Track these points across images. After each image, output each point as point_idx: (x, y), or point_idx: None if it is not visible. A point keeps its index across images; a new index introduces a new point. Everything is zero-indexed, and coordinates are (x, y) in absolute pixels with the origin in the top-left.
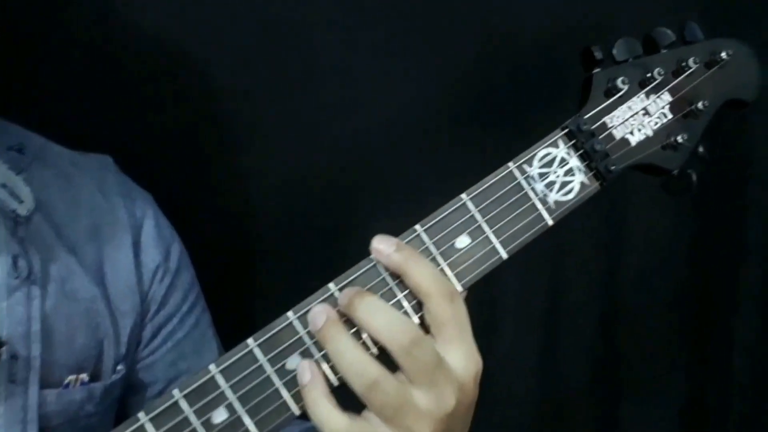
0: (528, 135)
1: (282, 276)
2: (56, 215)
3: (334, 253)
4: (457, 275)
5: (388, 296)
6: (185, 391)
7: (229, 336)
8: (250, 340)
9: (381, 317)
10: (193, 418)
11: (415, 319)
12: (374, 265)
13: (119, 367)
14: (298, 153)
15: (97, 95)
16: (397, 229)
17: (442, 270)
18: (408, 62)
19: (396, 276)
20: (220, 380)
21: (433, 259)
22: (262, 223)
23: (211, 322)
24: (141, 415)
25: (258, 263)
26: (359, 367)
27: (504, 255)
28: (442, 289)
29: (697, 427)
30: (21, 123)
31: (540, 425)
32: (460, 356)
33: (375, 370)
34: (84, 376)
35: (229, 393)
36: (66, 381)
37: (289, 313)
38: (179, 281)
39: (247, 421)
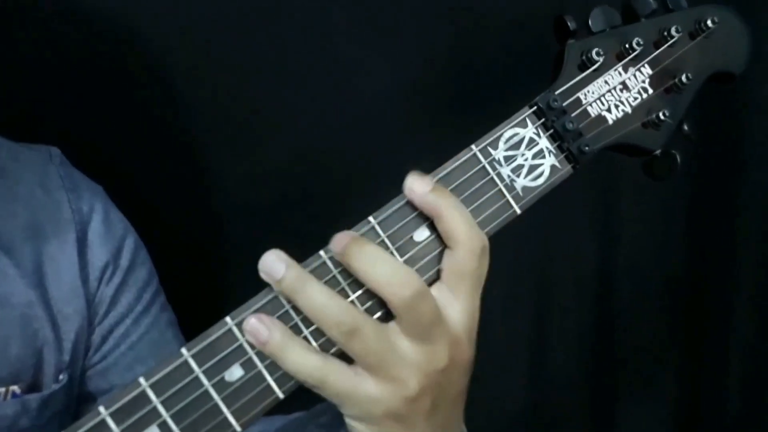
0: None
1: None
2: None
3: (311, 247)
4: (418, 272)
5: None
6: (112, 408)
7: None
8: (183, 350)
9: (383, 267)
10: None
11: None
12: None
13: (61, 377)
14: (272, 146)
15: (53, 81)
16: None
17: None
18: (387, 48)
19: (348, 274)
20: (152, 395)
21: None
22: (236, 217)
23: (173, 321)
24: None
25: (232, 259)
26: (337, 313)
27: None
28: (475, 240)
29: (691, 426)
30: None
31: (532, 425)
32: (463, 312)
33: (354, 315)
34: (15, 388)
35: (161, 410)
36: None
37: (227, 319)
38: (132, 279)
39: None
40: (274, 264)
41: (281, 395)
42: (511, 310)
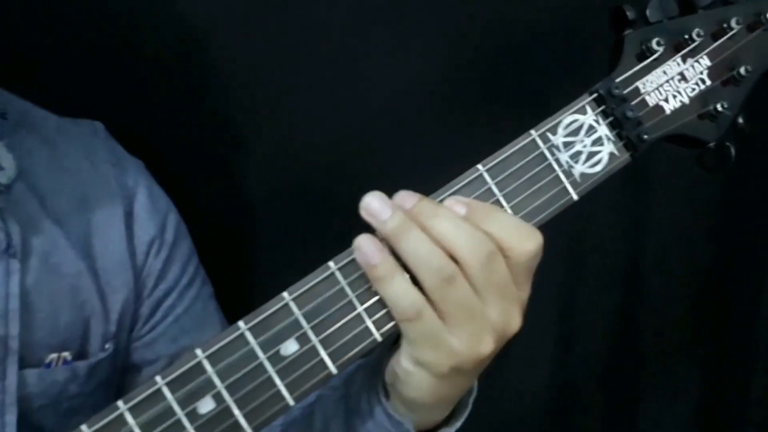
0: (545, 108)
1: (282, 259)
2: (40, 184)
3: (336, 236)
4: None
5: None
6: (168, 378)
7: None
8: (240, 323)
9: (458, 227)
10: (176, 408)
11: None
12: None
13: (107, 346)
14: (304, 131)
15: (95, 61)
16: None
17: None
18: (418, 34)
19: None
20: (207, 366)
21: None
22: (262, 205)
23: (213, 294)
24: (120, 403)
25: (257, 245)
26: (440, 258)
27: None
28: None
29: (712, 424)
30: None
31: (554, 419)
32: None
33: (454, 265)
34: (67, 355)
35: (216, 381)
36: (47, 360)
37: (285, 294)
38: (177, 253)
39: (237, 412)
40: (380, 206)
41: (335, 370)
42: (536, 302)
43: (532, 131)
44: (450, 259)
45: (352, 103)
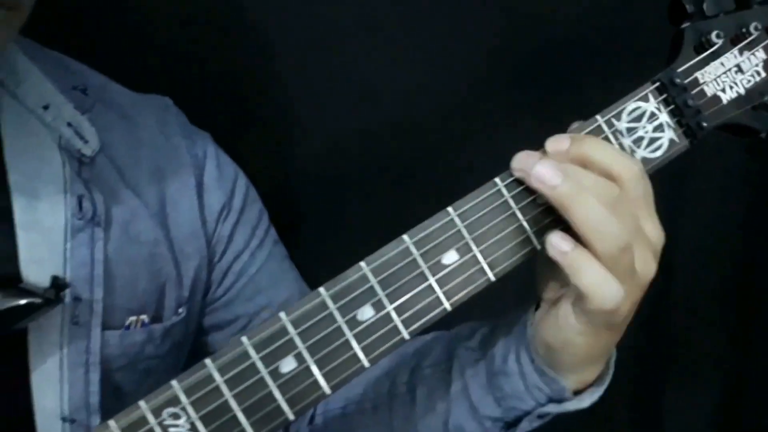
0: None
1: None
2: (119, 157)
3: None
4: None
5: (464, 250)
6: (254, 339)
7: None
8: (321, 289)
9: (611, 149)
10: (260, 366)
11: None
12: (450, 219)
13: (180, 310)
14: (356, 115)
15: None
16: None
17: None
18: (470, 20)
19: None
20: (290, 329)
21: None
22: (315, 188)
23: (286, 254)
24: (207, 361)
25: (307, 229)
26: (616, 223)
27: None
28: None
29: (734, 423)
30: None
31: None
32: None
33: (627, 231)
34: (144, 318)
35: (298, 342)
36: (127, 322)
37: (362, 263)
38: (245, 217)
39: (316, 372)
40: (551, 172)
41: (407, 336)
42: None
43: (598, 116)
44: (621, 224)
45: (418, 86)
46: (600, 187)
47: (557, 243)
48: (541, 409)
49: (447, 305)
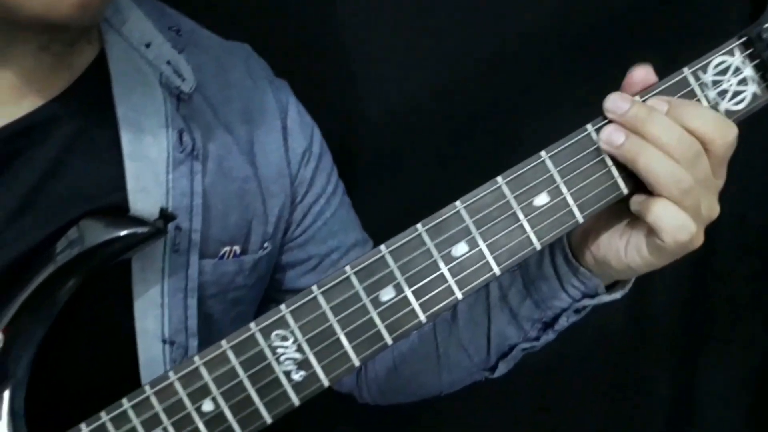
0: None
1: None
2: (212, 96)
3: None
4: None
5: (555, 193)
6: (357, 268)
7: None
8: (419, 225)
9: (670, 129)
10: (362, 294)
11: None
12: (542, 162)
13: (266, 245)
14: (412, 79)
15: None
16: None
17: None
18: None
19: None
20: (390, 260)
21: None
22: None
23: (351, 204)
24: (314, 288)
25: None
26: (677, 171)
27: None
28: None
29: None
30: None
31: (622, 361)
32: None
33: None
34: (237, 249)
35: (397, 273)
36: (221, 252)
37: (457, 203)
38: (322, 164)
39: (413, 301)
40: (615, 133)
41: (498, 272)
42: None
43: (685, 69)
44: (690, 174)
45: (475, 54)
46: (675, 141)
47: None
48: (576, 303)
49: (537, 244)
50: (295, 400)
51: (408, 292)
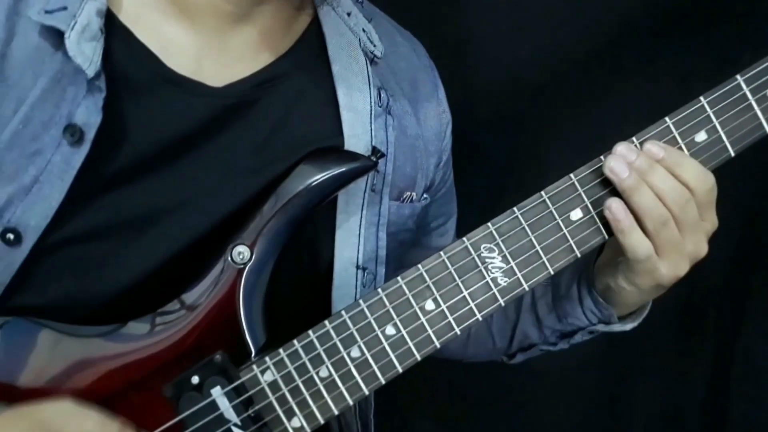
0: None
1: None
2: (392, 63)
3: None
4: None
5: (712, 131)
6: (550, 194)
7: None
8: (738, 76)
9: (667, 181)
10: (555, 214)
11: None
12: (701, 106)
13: (425, 196)
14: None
15: None
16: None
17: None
18: None
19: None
20: (578, 186)
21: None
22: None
23: None
24: (515, 209)
25: None
26: (659, 208)
27: None
28: (705, 184)
29: None
30: None
31: (673, 320)
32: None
33: (668, 212)
34: (412, 195)
35: (584, 197)
36: (404, 196)
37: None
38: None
39: (599, 222)
40: (620, 167)
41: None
42: None
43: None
44: (665, 207)
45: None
46: (668, 186)
47: (615, 210)
48: (592, 327)
49: (732, 152)
50: (501, 302)
51: (594, 213)
